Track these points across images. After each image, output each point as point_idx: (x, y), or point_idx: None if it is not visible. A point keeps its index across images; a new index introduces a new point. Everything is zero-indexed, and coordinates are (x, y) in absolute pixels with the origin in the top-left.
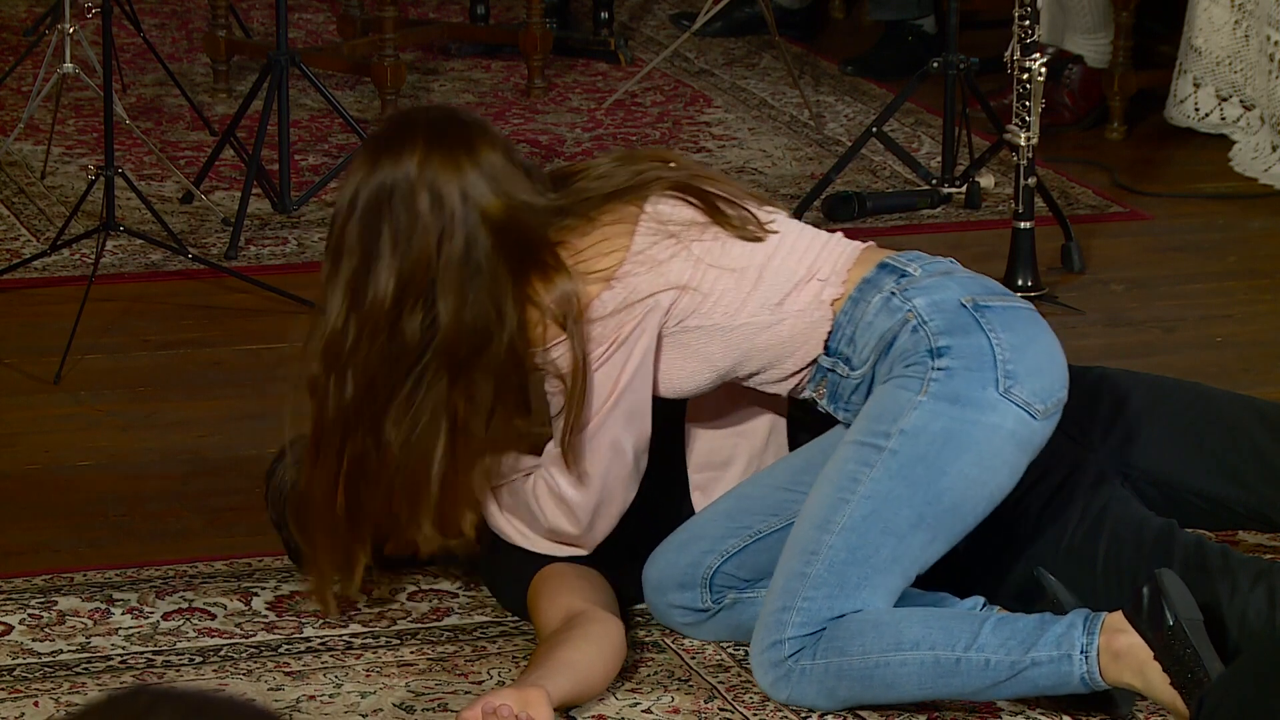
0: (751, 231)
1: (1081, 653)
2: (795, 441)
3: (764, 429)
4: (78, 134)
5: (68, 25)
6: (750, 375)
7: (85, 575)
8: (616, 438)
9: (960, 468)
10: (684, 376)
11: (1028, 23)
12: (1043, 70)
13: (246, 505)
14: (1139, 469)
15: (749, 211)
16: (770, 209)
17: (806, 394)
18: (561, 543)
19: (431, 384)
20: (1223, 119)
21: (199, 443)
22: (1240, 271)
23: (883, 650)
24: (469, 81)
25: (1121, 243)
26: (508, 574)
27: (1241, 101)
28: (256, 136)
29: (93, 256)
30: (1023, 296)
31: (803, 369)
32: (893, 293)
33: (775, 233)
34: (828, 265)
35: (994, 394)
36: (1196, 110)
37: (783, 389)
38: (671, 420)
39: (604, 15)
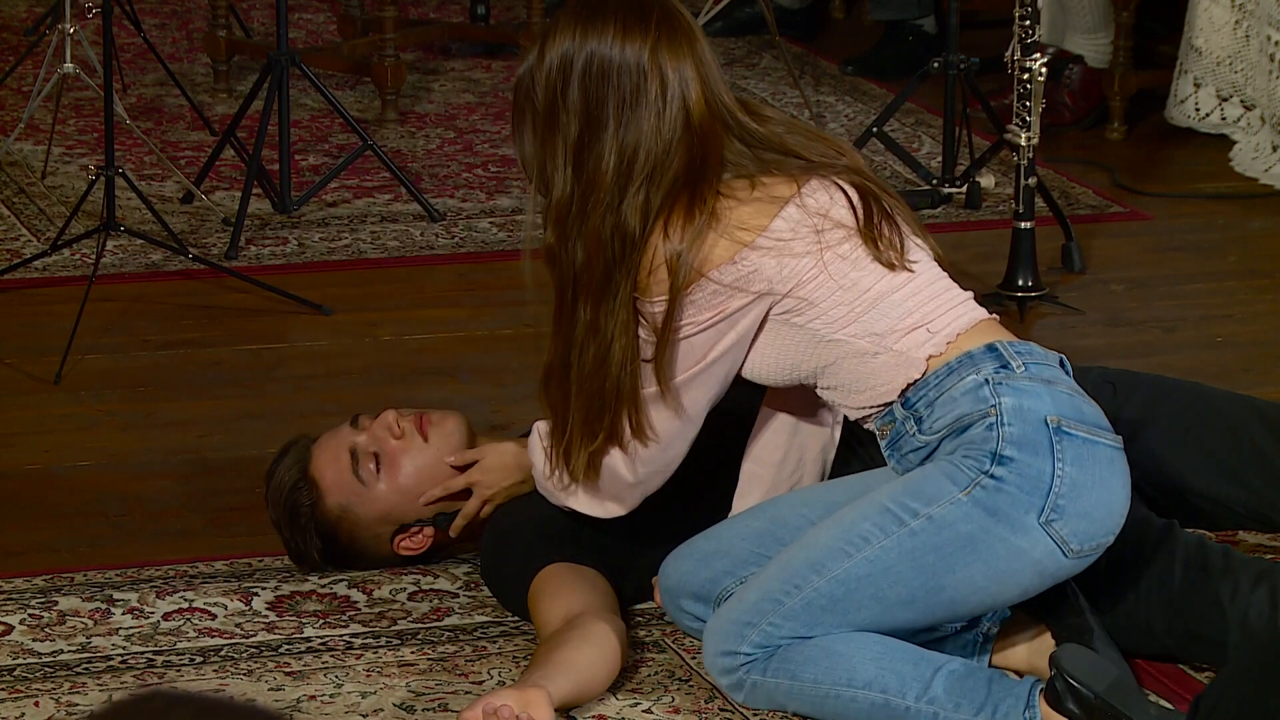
0: (890, 258)
1: None
2: (846, 463)
3: (819, 442)
4: (78, 134)
5: (68, 25)
6: (825, 388)
7: (85, 575)
8: (694, 401)
9: (970, 574)
10: (764, 365)
11: (1028, 23)
12: (1043, 70)
13: (247, 505)
14: (1139, 469)
15: (899, 237)
16: (920, 243)
17: (871, 427)
18: (602, 499)
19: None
20: (1223, 119)
21: (199, 442)
22: (1240, 271)
23: (834, 683)
24: (469, 81)
25: (1122, 243)
26: (508, 574)
27: (1242, 101)
28: (257, 136)
29: (93, 256)
30: (1023, 296)
31: (876, 406)
32: (988, 380)
33: (911, 270)
34: (942, 321)
35: (1033, 521)
36: (1197, 110)
37: (850, 413)
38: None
39: None
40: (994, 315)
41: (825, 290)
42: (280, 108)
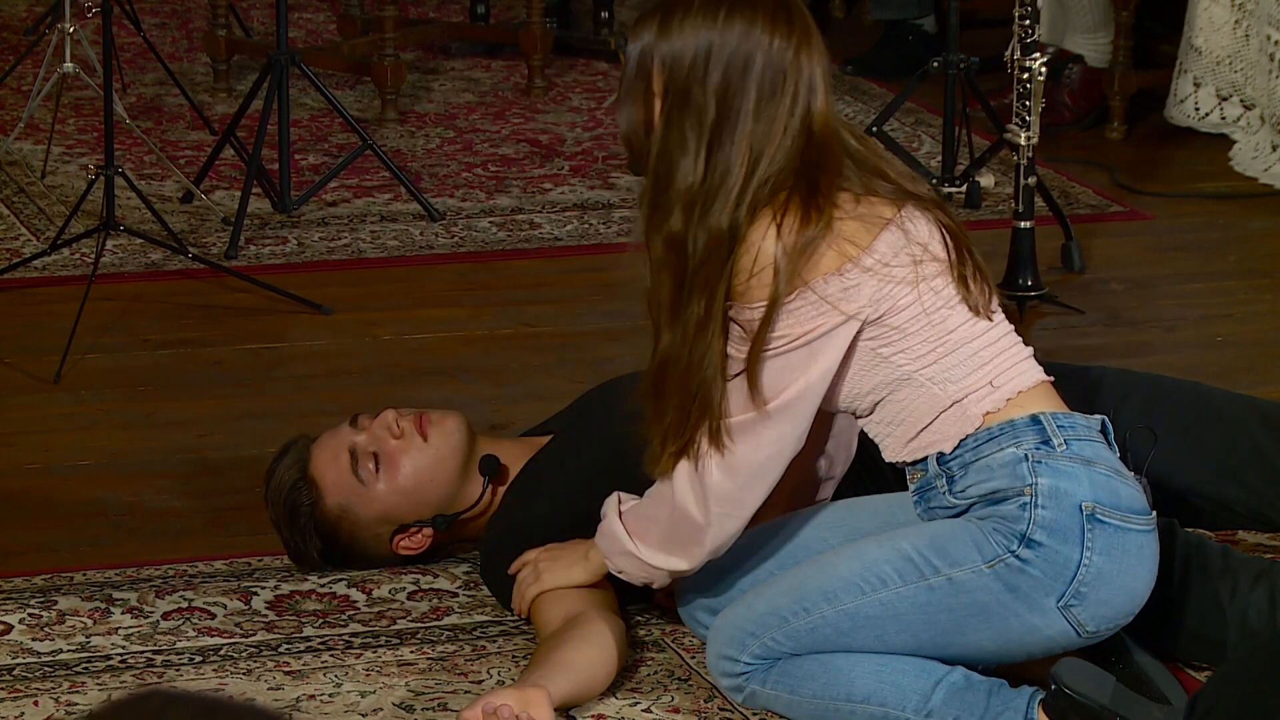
0: (978, 302)
1: None
2: (877, 474)
3: (842, 462)
4: (78, 133)
5: (68, 25)
6: (877, 422)
7: (85, 575)
8: (784, 433)
9: (980, 639)
10: (831, 389)
11: (1028, 22)
12: (1043, 70)
13: (246, 505)
14: (1121, 447)
15: (987, 283)
16: (996, 300)
17: (903, 466)
18: (670, 551)
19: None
20: (1223, 118)
21: (199, 442)
22: (1240, 271)
23: (833, 698)
24: (469, 81)
25: (1122, 242)
26: (508, 573)
27: (1242, 101)
28: (256, 136)
29: (93, 256)
30: (1023, 296)
31: (915, 451)
32: (1028, 456)
33: (991, 320)
34: (1007, 377)
35: (1052, 604)
36: (1197, 110)
37: (890, 453)
38: None
39: (604, 14)
40: (1050, 378)
41: (917, 324)
42: (280, 107)
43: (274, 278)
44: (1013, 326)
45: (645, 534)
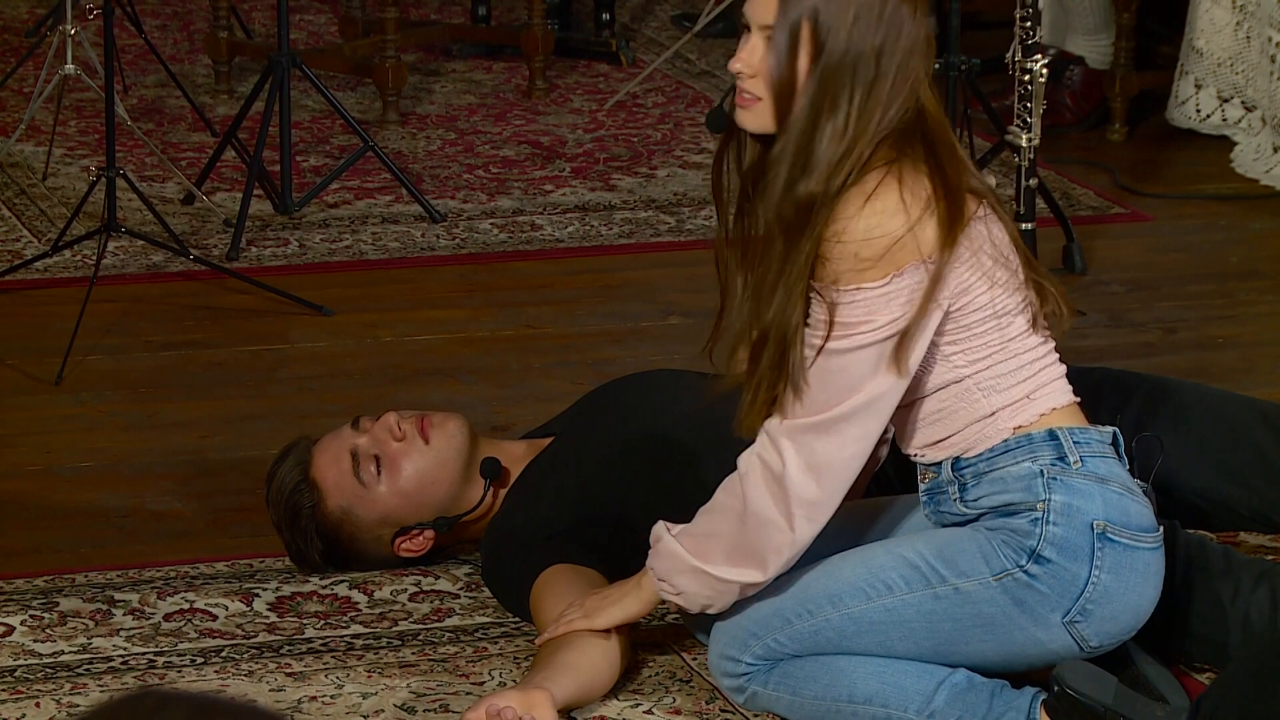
0: (1036, 317)
1: None
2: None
3: (884, 453)
4: (79, 135)
5: (69, 27)
6: (903, 412)
7: (87, 576)
8: (869, 430)
9: (983, 649)
10: None
11: (1029, 24)
12: (1044, 71)
13: (248, 506)
14: (1129, 459)
15: (1047, 295)
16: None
17: (916, 462)
18: (741, 564)
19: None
20: (1224, 120)
21: (200, 443)
22: (1242, 273)
23: (835, 699)
24: (470, 82)
25: (1123, 244)
26: (510, 575)
27: (1243, 103)
28: (258, 137)
29: (94, 258)
30: None
31: (935, 451)
32: (1043, 472)
33: (1043, 334)
34: (1044, 393)
35: (1057, 619)
36: (1198, 111)
37: (908, 448)
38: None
39: (605, 16)
40: (1078, 400)
41: (984, 325)
42: (281, 109)
43: (275, 279)
44: (1054, 342)
45: (708, 553)
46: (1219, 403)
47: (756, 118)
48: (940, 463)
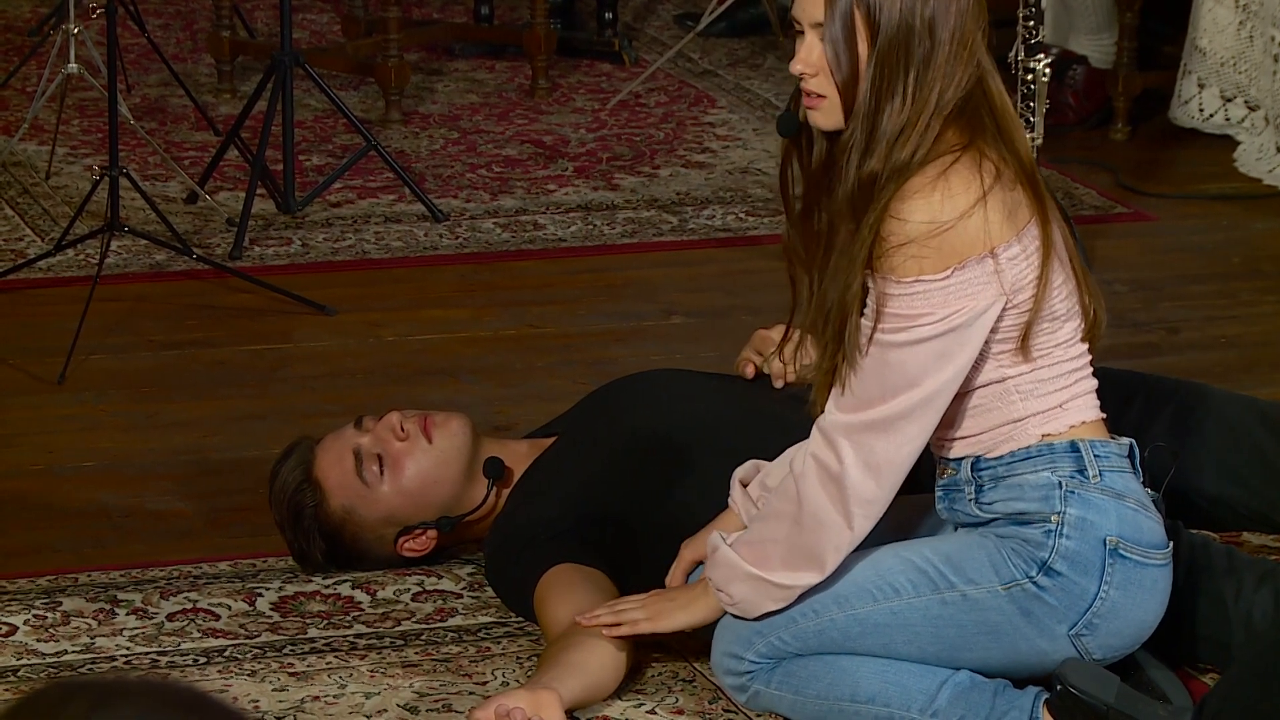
0: (1081, 325)
1: None
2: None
3: None
4: (82, 134)
5: (72, 26)
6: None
7: (89, 576)
8: (926, 426)
9: (986, 655)
10: None
11: (1032, 23)
12: (1047, 71)
13: (250, 506)
14: (1143, 469)
15: (1098, 306)
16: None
17: (935, 455)
18: (798, 567)
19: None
20: (1227, 120)
21: (203, 443)
22: (1244, 273)
23: (837, 698)
24: (473, 82)
25: (1126, 243)
26: (514, 575)
27: (1246, 102)
28: (261, 137)
29: (97, 257)
30: None
31: (958, 448)
32: (1061, 484)
33: (1087, 343)
34: (1076, 405)
35: (1063, 631)
36: (1201, 111)
37: (930, 441)
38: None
39: (608, 16)
40: (1104, 415)
41: (1038, 325)
42: (284, 108)
43: (278, 278)
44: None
45: (765, 560)
46: (1220, 403)
47: (826, 115)
48: (960, 460)
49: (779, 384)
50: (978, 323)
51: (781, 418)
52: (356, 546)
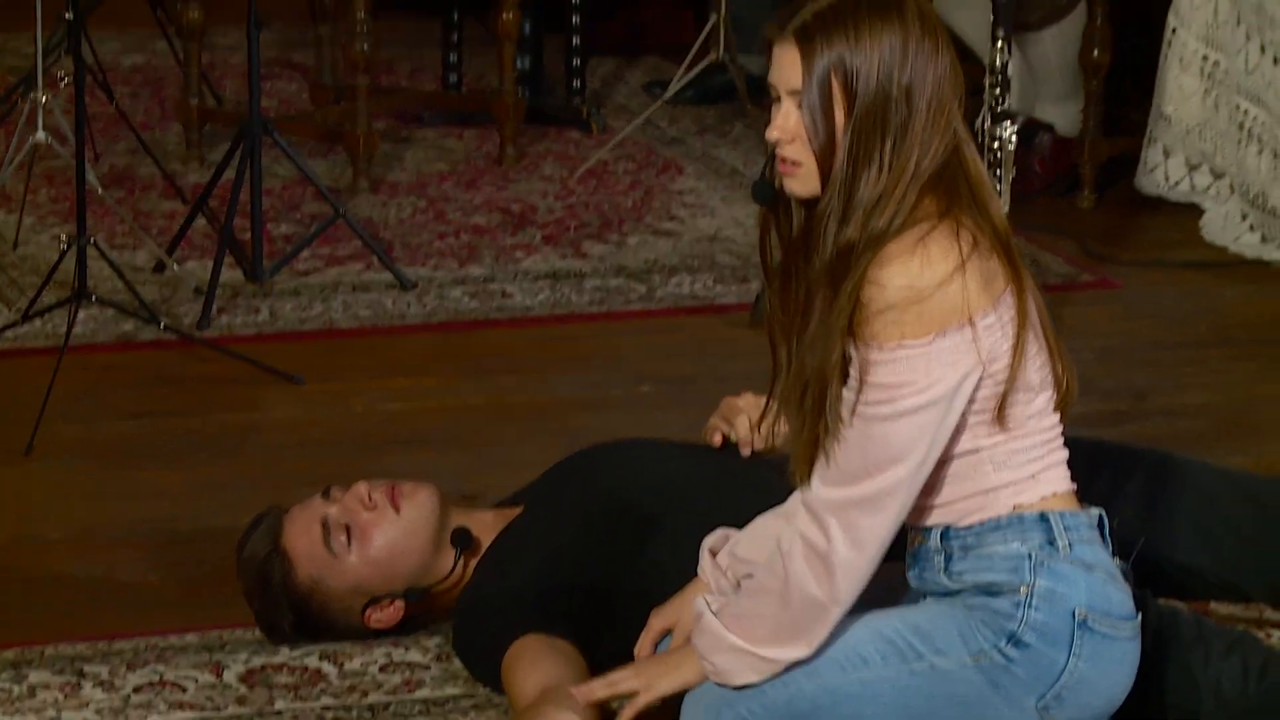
0: (1055, 395)
1: None
2: None
3: None
4: (50, 203)
5: (40, 94)
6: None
7: (56, 647)
8: (909, 498)
9: None
10: None
11: (998, 91)
12: (1013, 139)
13: (218, 576)
14: (1112, 539)
15: (1072, 377)
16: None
17: (908, 526)
18: (786, 641)
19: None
20: (1193, 187)
21: (170, 512)
22: (1211, 340)
23: None
24: (442, 149)
25: (1092, 310)
26: (481, 646)
27: (1211, 170)
28: (229, 205)
29: (65, 326)
30: None
31: (927, 516)
32: (1031, 555)
33: (1060, 413)
34: (1049, 476)
35: (1031, 703)
36: (1167, 179)
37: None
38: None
39: (576, 83)
40: (1074, 486)
41: (1014, 395)
42: (252, 176)
43: (246, 347)
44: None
45: (751, 633)
46: (1190, 471)
47: (802, 182)
48: (930, 528)
49: (746, 452)
50: (959, 392)
51: (751, 482)
52: (324, 617)
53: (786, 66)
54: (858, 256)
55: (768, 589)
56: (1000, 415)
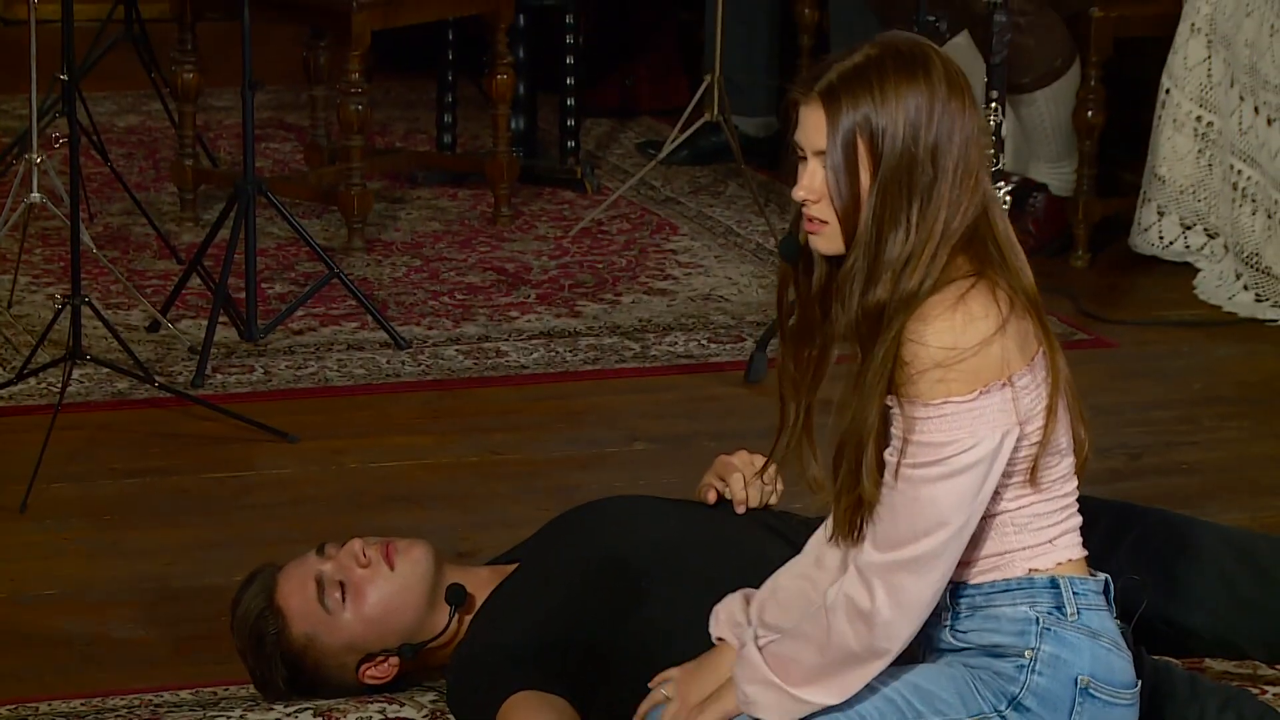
0: (1083, 460)
1: None
2: None
3: None
4: (45, 263)
5: (35, 155)
6: None
7: (50, 705)
8: (954, 558)
9: None
10: None
11: (992, 152)
12: (1008, 199)
13: (212, 633)
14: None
15: (1089, 444)
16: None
17: None
18: (821, 687)
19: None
20: (1186, 247)
21: (165, 570)
22: (1206, 399)
23: None
24: (436, 210)
25: (1086, 370)
26: (475, 702)
27: (1205, 230)
28: (223, 265)
29: (59, 385)
30: None
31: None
32: (1038, 619)
33: (1076, 488)
34: (1065, 541)
35: None
36: (1160, 238)
37: None
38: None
39: (570, 144)
40: (1085, 553)
41: (1042, 458)
42: (247, 236)
43: (240, 406)
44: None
45: (788, 672)
46: (1184, 529)
47: (828, 241)
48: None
49: (741, 509)
50: (1000, 452)
51: (744, 540)
52: (318, 674)
53: (812, 126)
54: (890, 317)
55: (810, 636)
56: (1034, 477)
